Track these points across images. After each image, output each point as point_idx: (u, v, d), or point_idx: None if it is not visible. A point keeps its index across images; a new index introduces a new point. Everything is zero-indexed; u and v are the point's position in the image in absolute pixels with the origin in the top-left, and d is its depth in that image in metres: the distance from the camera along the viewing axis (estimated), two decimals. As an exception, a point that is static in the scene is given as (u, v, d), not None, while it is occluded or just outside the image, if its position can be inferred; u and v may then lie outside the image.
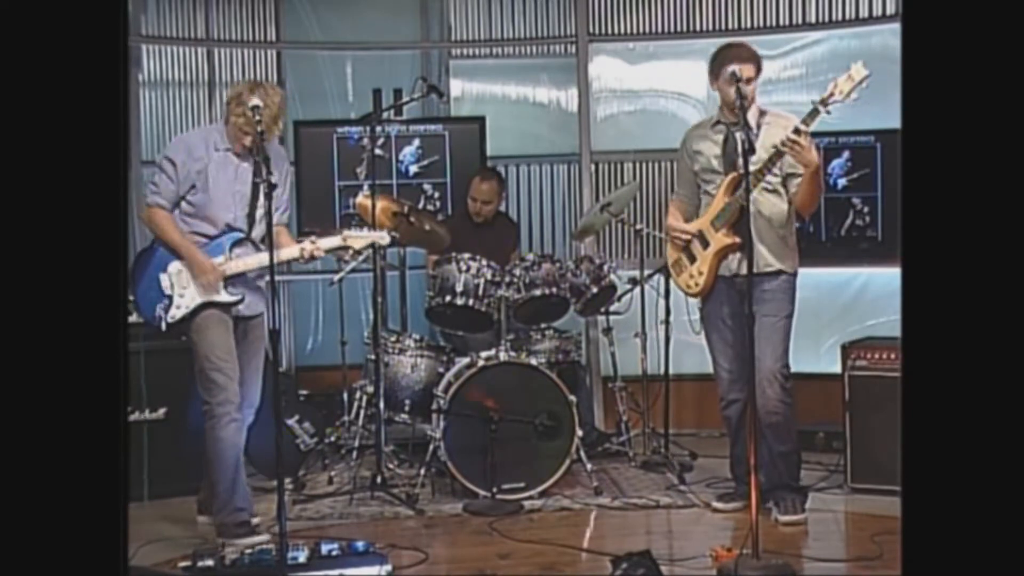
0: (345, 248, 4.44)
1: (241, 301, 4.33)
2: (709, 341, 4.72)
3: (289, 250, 4.34)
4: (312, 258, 4.36)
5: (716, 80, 4.51)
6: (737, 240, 4.44)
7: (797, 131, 4.21)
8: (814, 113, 4.21)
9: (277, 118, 4.23)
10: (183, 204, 4.31)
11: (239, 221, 4.32)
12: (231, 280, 4.30)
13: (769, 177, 4.42)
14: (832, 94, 4.16)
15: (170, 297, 4.29)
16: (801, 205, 4.51)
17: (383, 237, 4.50)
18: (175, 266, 4.30)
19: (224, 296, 4.30)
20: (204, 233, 4.31)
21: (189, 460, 4.76)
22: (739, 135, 4.12)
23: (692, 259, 4.65)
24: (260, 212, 4.28)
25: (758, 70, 4.49)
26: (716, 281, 4.59)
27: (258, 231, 4.33)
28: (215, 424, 4.26)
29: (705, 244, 4.58)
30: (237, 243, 4.32)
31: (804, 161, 4.30)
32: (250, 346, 4.43)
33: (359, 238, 4.41)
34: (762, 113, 4.57)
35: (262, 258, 4.21)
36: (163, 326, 4.30)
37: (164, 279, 4.30)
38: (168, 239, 4.32)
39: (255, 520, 4.43)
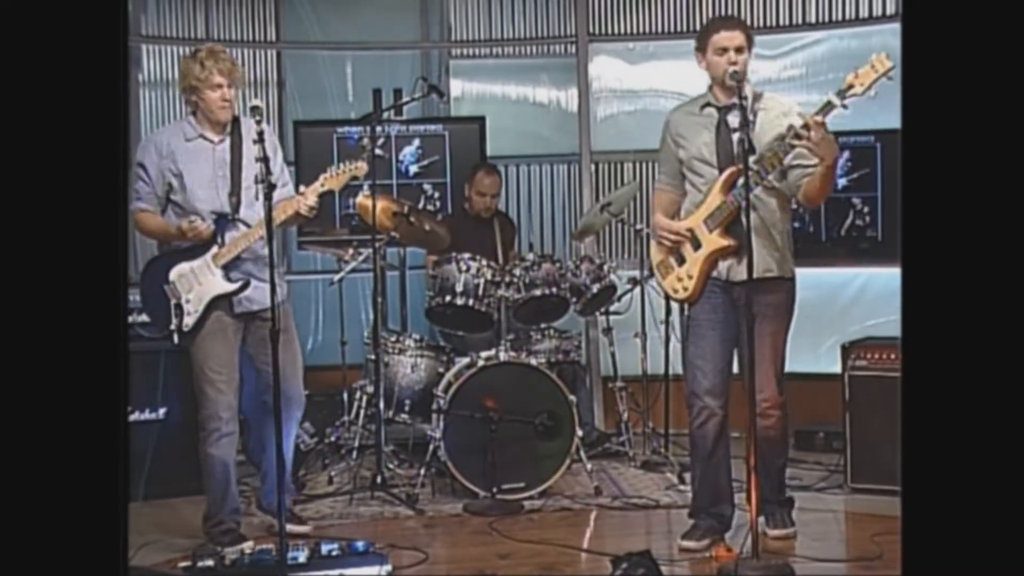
0: (328, 192, 4.25)
1: (247, 286, 4.18)
2: (691, 348, 4.26)
3: (283, 213, 4.16)
4: (312, 210, 4.18)
5: (704, 55, 4.12)
6: (732, 243, 4.04)
7: (807, 126, 3.81)
8: (828, 106, 3.81)
9: (234, 74, 4.16)
10: (170, 206, 4.23)
11: (224, 206, 4.19)
12: (232, 266, 4.19)
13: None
14: (851, 86, 3.75)
15: (179, 306, 4.18)
16: (810, 198, 4.09)
17: (360, 168, 4.28)
18: (175, 272, 4.19)
19: (228, 285, 4.18)
20: None
21: (189, 460, 4.76)
22: (731, 118, 3.90)
23: (681, 261, 4.20)
24: (250, 192, 4.12)
25: (750, 42, 4.10)
26: (707, 285, 4.17)
27: (250, 212, 4.19)
28: (204, 438, 4.20)
29: (696, 245, 4.14)
30: (226, 228, 4.19)
31: (821, 154, 3.86)
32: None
33: (335, 176, 4.22)
34: (756, 96, 4.12)
35: (251, 234, 4.13)
36: (175, 338, 4.20)
37: (168, 290, 4.19)
38: (153, 232, 4.27)
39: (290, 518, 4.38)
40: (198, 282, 4.19)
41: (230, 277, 4.20)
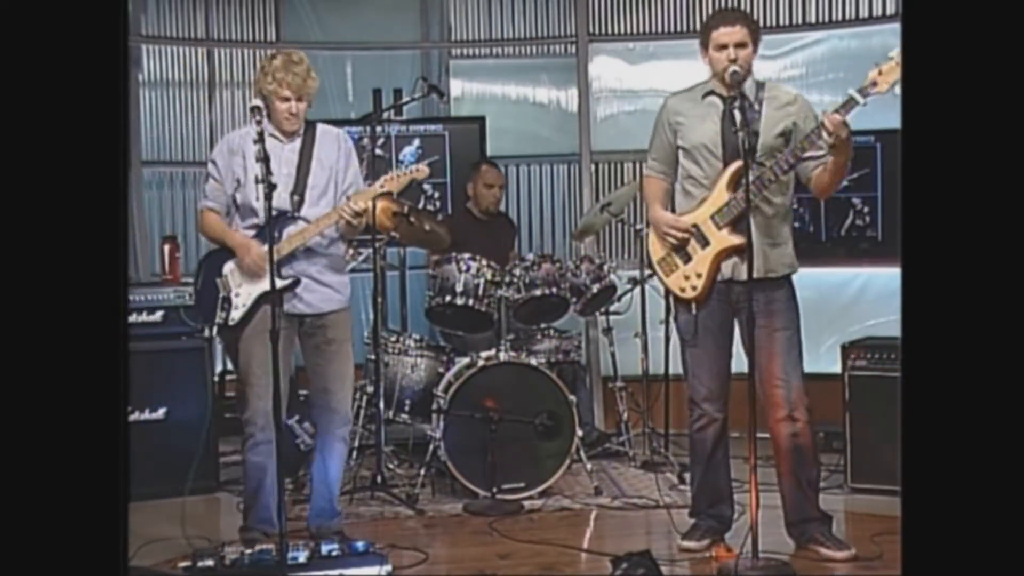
0: (382, 195, 4.21)
1: (297, 283, 4.07)
2: (689, 352, 4.17)
3: (324, 219, 4.10)
4: (354, 216, 4.08)
5: (705, 50, 4.05)
6: (743, 241, 3.87)
7: (830, 125, 3.76)
8: (851, 103, 3.73)
9: (304, 89, 4.13)
10: (237, 203, 4.18)
11: (285, 203, 4.09)
12: (285, 263, 4.07)
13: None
14: (875, 83, 3.67)
15: (227, 299, 4.13)
16: (820, 190, 4.09)
17: (422, 171, 4.25)
18: (228, 267, 4.16)
19: (278, 282, 3.92)
20: (255, 225, 4.15)
21: (188, 460, 4.75)
22: (736, 111, 3.82)
23: (686, 258, 4.08)
24: (315, 192, 4.13)
25: (753, 36, 4.01)
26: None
27: (313, 211, 4.13)
28: (245, 441, 4.16)
29: (704, 243, 4.04)
30: (286, 226, 4.10)
31: (838, 154, 3.88)
32: (323, 351, 4.19)
33: (394, 179, 4.17)
34: (760, 86, 4.07)
35: (307, 231, 4.07)
36: (211, 331, 4.15)
37: (219, 283, 4.16)
38: (212, 235, 4.24)
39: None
40: (248, 278, 4.13)
41: (282, 274, 4.03)
